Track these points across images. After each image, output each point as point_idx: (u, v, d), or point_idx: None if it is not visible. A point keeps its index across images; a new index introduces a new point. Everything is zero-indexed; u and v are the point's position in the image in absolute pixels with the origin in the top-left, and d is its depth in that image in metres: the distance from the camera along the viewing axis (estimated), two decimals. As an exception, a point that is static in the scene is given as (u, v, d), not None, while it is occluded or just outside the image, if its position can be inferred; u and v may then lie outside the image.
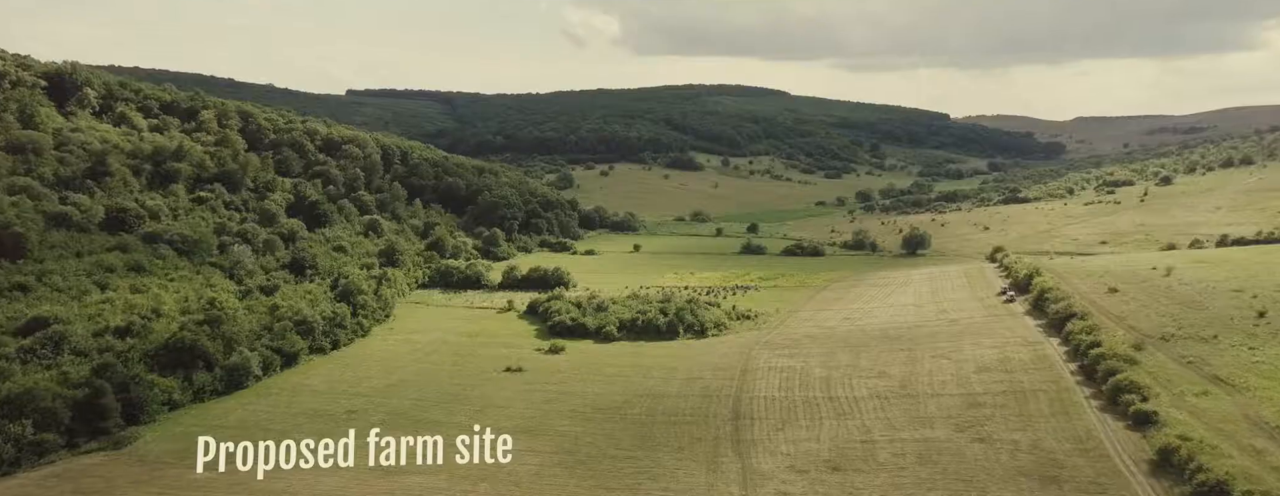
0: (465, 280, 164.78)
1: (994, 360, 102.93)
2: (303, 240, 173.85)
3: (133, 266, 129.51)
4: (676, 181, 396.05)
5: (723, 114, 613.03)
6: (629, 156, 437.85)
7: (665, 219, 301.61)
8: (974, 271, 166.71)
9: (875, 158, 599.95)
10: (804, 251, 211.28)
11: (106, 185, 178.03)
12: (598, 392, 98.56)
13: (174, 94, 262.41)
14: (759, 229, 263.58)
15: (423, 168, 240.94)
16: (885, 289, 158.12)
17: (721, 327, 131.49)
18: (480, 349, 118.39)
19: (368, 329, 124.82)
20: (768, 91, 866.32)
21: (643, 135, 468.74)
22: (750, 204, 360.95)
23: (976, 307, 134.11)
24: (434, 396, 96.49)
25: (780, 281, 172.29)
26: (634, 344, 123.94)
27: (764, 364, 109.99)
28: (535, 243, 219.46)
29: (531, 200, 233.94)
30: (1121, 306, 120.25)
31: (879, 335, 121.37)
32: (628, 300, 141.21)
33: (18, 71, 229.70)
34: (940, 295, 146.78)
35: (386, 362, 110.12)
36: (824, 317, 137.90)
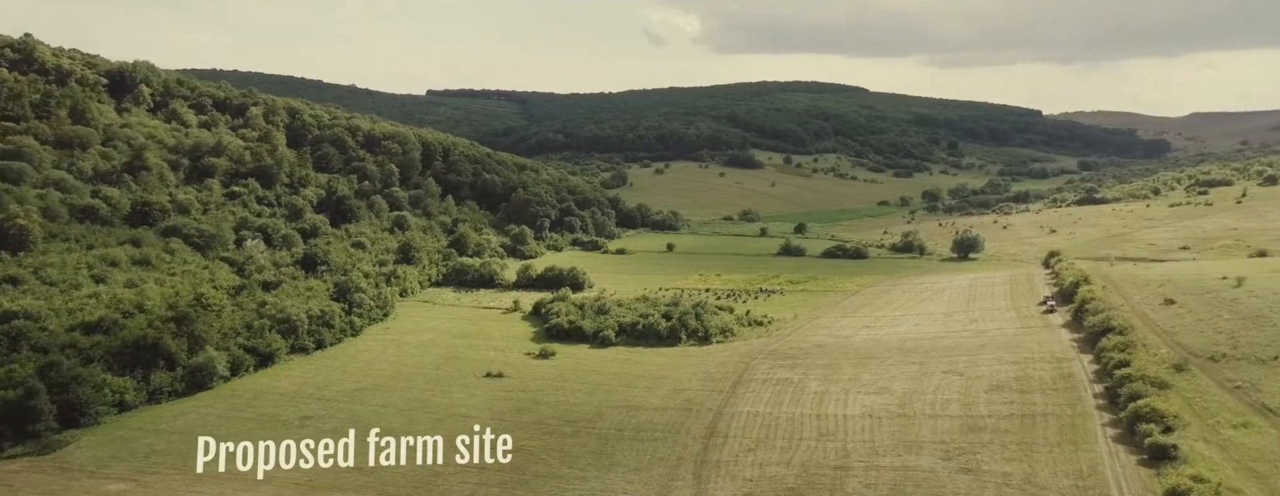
0: (479, 279, 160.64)
1: (1010, 378, 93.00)
2: (323, 236, 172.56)
3: (139, 260, 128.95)
4: (732, 179, 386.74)
5: (791, 110, 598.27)
6: (686, 154, 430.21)
7: (712, 218, 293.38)
8: (1021, 278, 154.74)
9: (952, 156, 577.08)
10: (845, 254, 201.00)
11: (142, 179, 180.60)
12: (573, 403, 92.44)
13: (228, 91, 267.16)
14: (807, 229, 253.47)
15: (461, 164, 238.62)
16: (918, 295, 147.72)
17: (728, 334, 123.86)
18: (469, 352, 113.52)
19: (360, 328, 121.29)
20: (845, 88, 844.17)
21: (701, 132, 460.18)
22: (807, 203, 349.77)
23: (1011, 318, 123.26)
24: (401, 402, 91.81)
25: (810, 285, 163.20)
26: (630, 350, 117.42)
27: (760, 375, 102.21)
28: (567, 241, 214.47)
29: (567, 198, 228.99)
30: (1175, 320, 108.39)
31: (895, 346, 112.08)
32: (634, 303, 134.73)
33: (83, 70, 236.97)
34: (975, 304, 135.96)
35: (366, 365, 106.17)
36: (843, 325, 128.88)
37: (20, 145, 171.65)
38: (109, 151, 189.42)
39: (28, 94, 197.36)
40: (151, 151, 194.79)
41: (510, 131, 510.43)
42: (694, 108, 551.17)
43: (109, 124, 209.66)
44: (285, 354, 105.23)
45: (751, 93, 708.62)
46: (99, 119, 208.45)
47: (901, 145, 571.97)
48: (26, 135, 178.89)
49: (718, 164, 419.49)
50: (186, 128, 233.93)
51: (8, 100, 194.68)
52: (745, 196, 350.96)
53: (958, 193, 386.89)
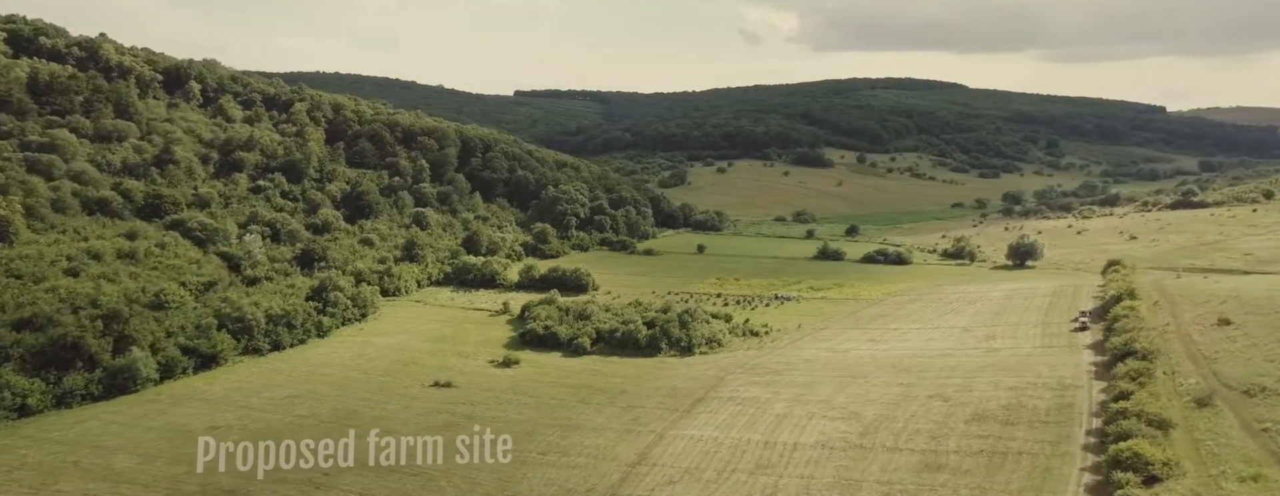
0: (480, 279, 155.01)
1: (999, 406, 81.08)
2: (335, 231, 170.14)
3: (125, 253, 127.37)
4: (796, 179, 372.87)
5: (872, 108, 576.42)
6: (753, 152, 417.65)
7: (764, 218, 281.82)
8: (1068, 290, 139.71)
9: (1050, 156, 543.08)
10: (887, 259, 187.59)
11: (169, 172, 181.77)
12: (510, 419, 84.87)
13: (279, 87, 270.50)
14: (859, 232, 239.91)
15: (497, 161, 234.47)
16: (945, 307, 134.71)
17: (715, 345, 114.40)
18: (430, 358, 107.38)
19: (329, 330, 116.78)
20: (941, 85, 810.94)
21: (770, 130, 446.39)
22: (873, 204, 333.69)
23: (1033, 335, 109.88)
24: (326, 413, 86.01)
25: (833, 292, 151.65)
26: (604, 360, 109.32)
27: (727, 393, 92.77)
28: (594, 240, 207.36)
29: (599, 197, 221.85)
30: (1222, 344, 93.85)
31: (890, 364, 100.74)
32: (625, 308, 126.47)
33: (142, 67, 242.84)
34: (1002, 318, 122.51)
35: (314, 370, 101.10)
36: (846, 338, 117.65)
37: (56, 138, 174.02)
38: (144, 145, 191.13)
39: (83, 90, 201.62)
40: (184, 145, 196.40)
41: (582, 130, 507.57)
42: (769, 105, 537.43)
43: (153, 118, 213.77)
44: (235, 355, 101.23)
45: (835, 90, 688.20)
46: (144, 114, 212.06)
47: (992, 144, 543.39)
48: (65, 128, 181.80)
49: (784, 162, 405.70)
50: (231, 122, 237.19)
51: (57, 95, 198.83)
52: (806, 196, 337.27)
53: (1045, 195, 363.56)
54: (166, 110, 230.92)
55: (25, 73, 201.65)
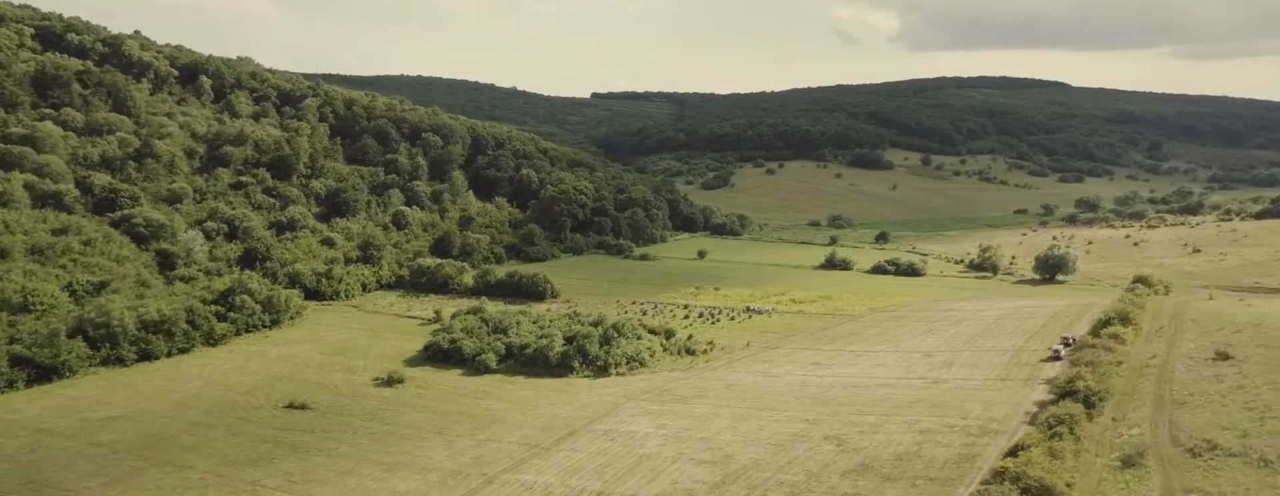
0: (433, 282, 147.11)
1: (895, 455, 68.05)
2: (302, 229, 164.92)
3: (37, 249, 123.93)
4: (848, 181, 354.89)
5: (949, 108, 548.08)
6: (807, 153, 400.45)
7: (797, 222, 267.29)
8: (1074, 310, 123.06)
9: (1151, 158, 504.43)
10: (898, 270, 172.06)
11: (146, 166, 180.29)
12: (334, 454, 75.64)
13: (296, 83, 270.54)
14: (889, 238, 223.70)
15: (504, 160, 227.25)
16: (924, 327, 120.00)
17: (637, 364, 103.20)
18: (313, 373, 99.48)
19: (223, 338, 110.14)
20: (1040, 84, 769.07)
21: (828, 130, 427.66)
22: (927, 208, 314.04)
23: (997, 365, 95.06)
24: (133, 440, 76.65)
25: (814, 306, 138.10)
26: (505, 380, 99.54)
27: (610, 425, 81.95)
28: (590, 243, 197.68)
29: (604, 198, 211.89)
30: (1204, 385, 78.58)
31: (812, 396, 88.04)
32: (557, 321, 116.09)
33: (160, 63, 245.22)
34: (977, 342, 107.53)
35: (168, 386, 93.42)
36: (789, 361, 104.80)
37: (38, 131, 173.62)
38: (130, 138, 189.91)
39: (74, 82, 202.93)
40: (172, 139, 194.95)
41: (641, 131, 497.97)
42: (833, 104, 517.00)
43: (153, 112, 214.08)
44: (89, 366, 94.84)
45: (916, 90, 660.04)
46: (141, 108, 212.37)
47: (1082, 146, 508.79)
48: (51, 121, 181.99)
49: (839, 164, 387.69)
50: (236, 118, 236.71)
51: (57, 88, 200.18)
52: (853, 200, 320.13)
53: (1127, 201, 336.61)
54: (175, 105, 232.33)
55: (34, 67, 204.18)
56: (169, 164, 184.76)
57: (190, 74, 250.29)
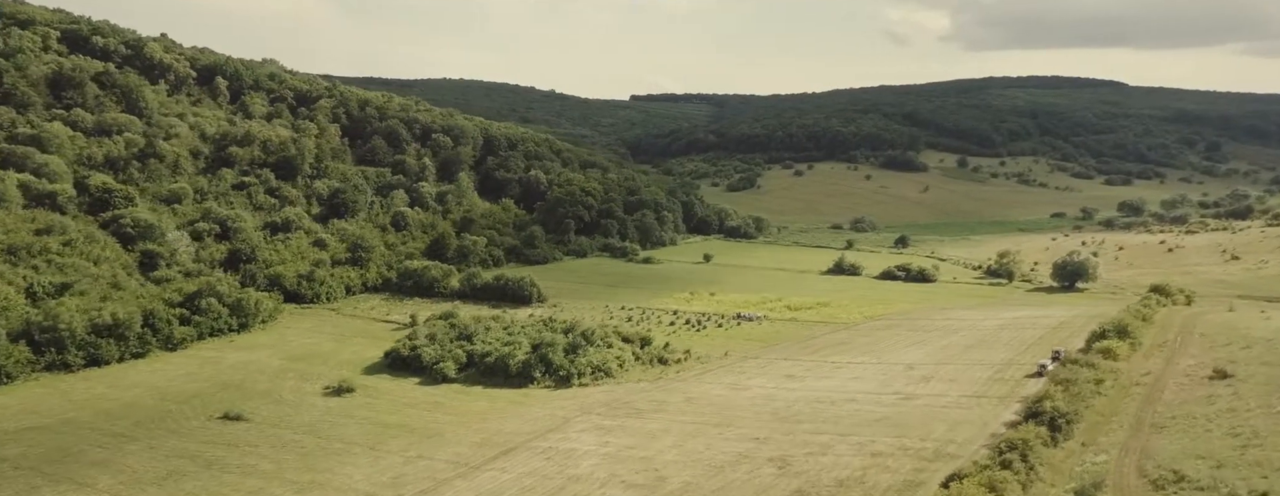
0: (418, 286, 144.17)
1: (836, 481, 62.85)
2: (297, 230, 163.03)
3: (11, 248, 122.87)
4: (878, 183, 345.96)
5: (992, 108, 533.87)
6: (838, 154, 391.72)
7: (817, 225, 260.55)
8: (1081, 322, 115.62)
9: (1208, 160, 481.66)
10: (908, 276, 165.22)
11: (149, 166, 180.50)
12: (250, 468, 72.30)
13: (313, 84, 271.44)
14: (909, 243, 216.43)
15: (513, 161, 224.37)
16: (916, 337, 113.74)
17: (602, 375, 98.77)
18: (263, 381, 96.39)
19: (182, 342, 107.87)
20: (1095, 83, 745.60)
21: (860, 131, 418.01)
22: (956, 211, 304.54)
23: (978, 380, 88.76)
24: (37, 457, 73.43)
25: (808, 314, 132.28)
26: (461, 390, 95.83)
27: (552, 442, 77.77)
28: (594, 245, 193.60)
29: (611, 200, 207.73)
30: (1192, 406, 72.20)
31: (773, 411, 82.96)
32: (527, 328, 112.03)
33: (179, 64, 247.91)
34: (967, 354, 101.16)
35: (106, 393, 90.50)
36: (763, 372, 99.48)
37: (45, 132, 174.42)
38: (137, 138, 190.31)
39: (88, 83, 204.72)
40: (180, 140, 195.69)
41: (674, 133, 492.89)
42: (868, 105, 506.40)
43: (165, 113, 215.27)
44: (33, 372, 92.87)
45: (960, 90, 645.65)
46: (154, 108, 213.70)
47: (1133, 147, 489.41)
48: (60, 122, 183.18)
49: (870, 165, 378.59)
50: (249, 118, 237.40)
51: (71, 89, 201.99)
52: (880, 203, 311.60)
53: (1174, 204, 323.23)
54: (190, 105, 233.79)
55: (51, 69, 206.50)
56: (173, 164, 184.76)
57: (208, 75, 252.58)
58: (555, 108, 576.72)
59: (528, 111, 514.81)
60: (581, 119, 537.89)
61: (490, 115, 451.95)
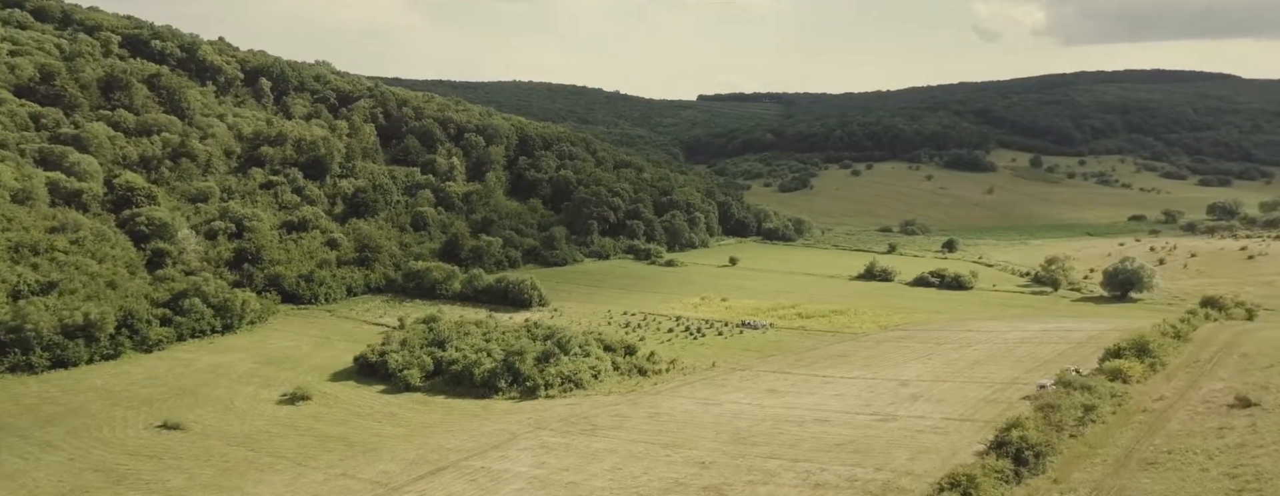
0: (420, 288, 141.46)
1: (757, 518, 55.98)
2: (313, 230, 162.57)
3: (15, 246, 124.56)
4: (939, 183, 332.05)
5: (1076, 104, 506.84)
6: (901, 154, 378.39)
7: (865, 228, 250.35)
8: (1113, 336, 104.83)
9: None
10: (941, 283, 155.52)
11: (181, 166, 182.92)
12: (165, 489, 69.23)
13: (356, 85, 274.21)
14: (957, 247, 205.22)
15: (545, 160, 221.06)
16: (925, 350, 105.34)
17: (572, 386, 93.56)
18: (225, 388, 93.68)
19: (159, 343, 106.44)
20: (1202, 76, 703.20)
21: (924, 129, 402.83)
22: (1021, 214, 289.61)
23: (968, 401, 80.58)
24: None
25: (818, 322, 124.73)
26: (423, 400, 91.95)
27: (484, 462, 72.95)
28: (619, 247, 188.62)
29: (641, 200, 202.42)
30: (1196, 440, 63.34)
31: (736, 432, 76.58)
32: (505, 335, 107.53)
33: (227, 65, 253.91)
34: (971, 371, 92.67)
35: (60, 396, 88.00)
36: (744, 386, 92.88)
37: (86, 132, 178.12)
38: (172, 138, 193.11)
39: (167, 85, 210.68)
40: (215, 139, 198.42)
41: (733, 132, 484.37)
42: (939, 102, 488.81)
43: (207, 113, 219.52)
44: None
45: (1043, 85, 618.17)
46: (196, 109, 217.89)
47: (1239, 145, 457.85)
48: (100, 123, 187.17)
49: (934, 165, 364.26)
50: (289, 118, 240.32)
51: (119, 91, 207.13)
52: (938, 204, 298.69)
53: (1273, 206, 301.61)
54: (234, 106, 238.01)
55: (103, 72, 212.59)
56: (205, 163, 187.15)
57: (254, 76, 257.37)
58: (617, 109, 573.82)
59: (588, 113, 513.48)
60: (641, 120, 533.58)
61: (549, 117, 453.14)
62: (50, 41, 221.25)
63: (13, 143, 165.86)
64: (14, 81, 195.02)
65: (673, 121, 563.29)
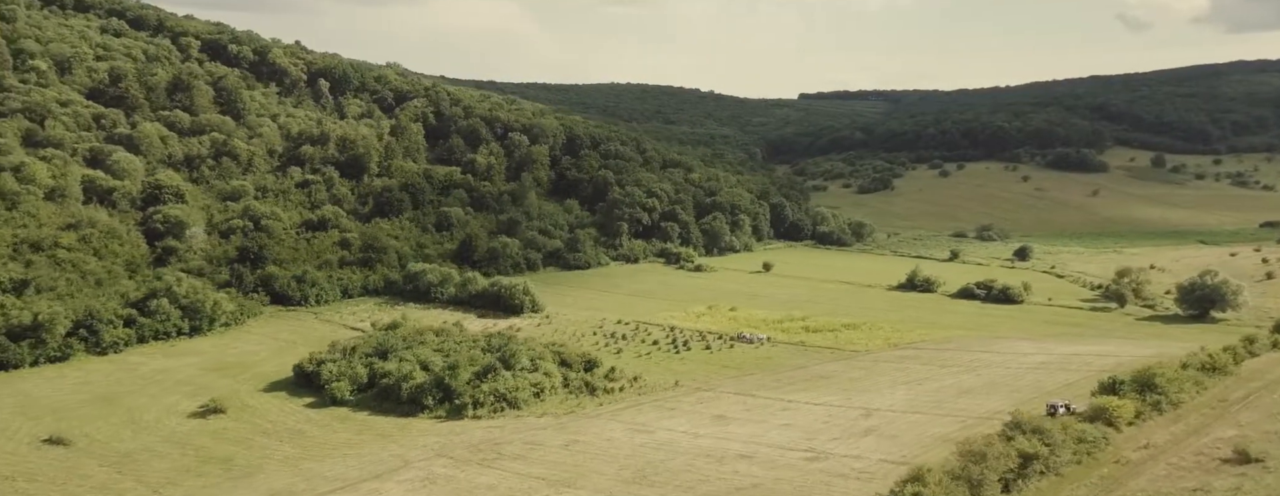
0: (415, 291, 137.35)
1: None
2: (331, 229, 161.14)
3: (22, 242, 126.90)
4: (1034, 185, 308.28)
5: (1218, 97, 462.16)
6: (998, 153, 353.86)
7: (942, 232, 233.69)
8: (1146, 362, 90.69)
9: None
10: (988, 296, 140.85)
11: (222, 165, 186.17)
12: None
13: (414, 85, 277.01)
14: (1030, 255, 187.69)
15: (587, 160, 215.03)
16: (919, 373, 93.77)
17: (505, 406, 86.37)
18: (144, 397, 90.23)
19: (114, 346, 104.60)
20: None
21: (1027, 126, 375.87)
22: (1124, 218, 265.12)
23: (924, 439, 69.78)
24: None
25: (820, 338, 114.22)
26: (347, 414, 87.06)
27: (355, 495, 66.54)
28: (650, 250, 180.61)
29: (680, 201, 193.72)
30: None
31: (641, 467, 68.60)
32: (462, 345, 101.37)
33: (295, 67, 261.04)
34: (952, 402, 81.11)
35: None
36: (695, 410, 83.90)
37: (139, 133, 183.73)
38: (218, 138, 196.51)
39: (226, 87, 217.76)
40: (257, 141, 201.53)
41: (823, 131, 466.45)
42: (1052, 97, 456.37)
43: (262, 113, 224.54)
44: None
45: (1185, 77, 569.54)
46: (251, 109, 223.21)
47: None
48: (155, 123, 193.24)
49: (1035, 165, 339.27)
50: (342, 118, 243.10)
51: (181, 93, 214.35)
52: (1031, 207, 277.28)
53: None
54: (292, 106, 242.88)
55: (171, 74, 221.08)
56: (246, 162, 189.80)
57: (315, 75, 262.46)
58: (706, 108, 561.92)
59: (675, 113, 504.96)
60: (730, 119, 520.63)
61: (634, 117, 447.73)
62: (138, 47, 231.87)
63: (68, 142, 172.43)
64: (88, 84, 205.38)
65: (763, 120, 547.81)
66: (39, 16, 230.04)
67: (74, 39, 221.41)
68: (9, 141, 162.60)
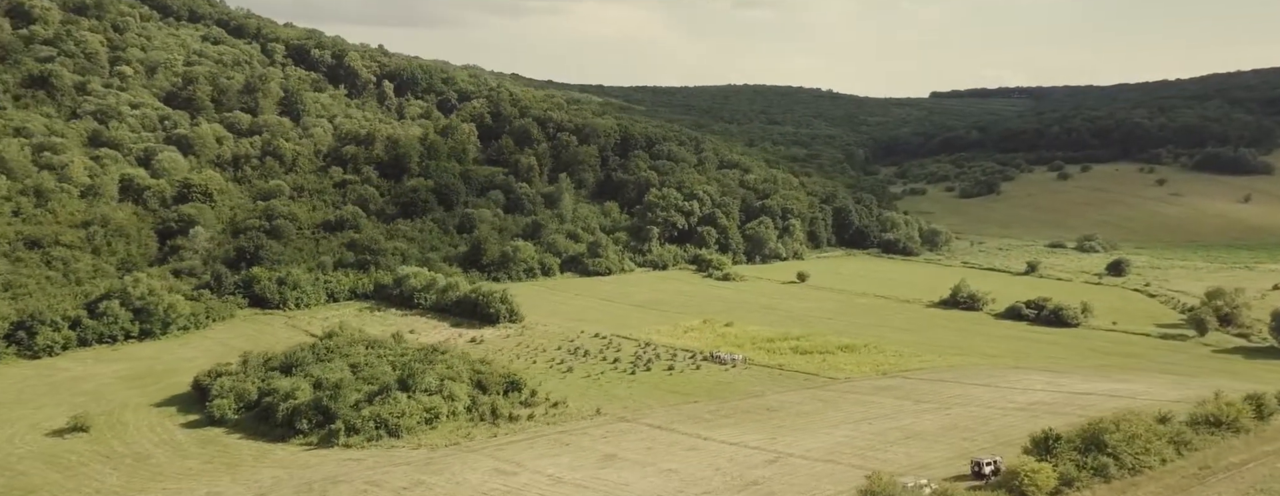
0: (398, 296, 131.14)
1: None
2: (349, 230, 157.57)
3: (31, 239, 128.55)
4: (1171, 189, 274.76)
5: None
6: (1134, 153, 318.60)
7: (1032, 242, 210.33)
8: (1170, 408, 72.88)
9: None
10: (1037, 318, 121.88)
11: (265, 165, 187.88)
12: None
13: (477, 85, 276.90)
14: (1127, 269, 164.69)
15: (635, 161, 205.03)
16: (874, 409, 79.65)
17: (384, 433, 77.59)
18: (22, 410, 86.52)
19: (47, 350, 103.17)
20: None
21: (1172, 123, 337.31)
22: (1271, 230, 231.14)
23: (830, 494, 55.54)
24: None
25: (801, 362, 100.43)
26: (219, 435, 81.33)
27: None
28: (681, 256, 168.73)
29: (723, 205, 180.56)
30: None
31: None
32: (382, 359, 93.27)
33: (366, 69, 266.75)
34: (881, 450, 66.83)
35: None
36: (591, 447, 73.06)
37: (196, 133, 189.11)
38: (268, 139, 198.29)
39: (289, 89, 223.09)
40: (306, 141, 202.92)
41: (942, 129, 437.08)
42: (1221, 90, 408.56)
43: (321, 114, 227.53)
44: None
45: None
46: (312, 110, 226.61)
47: None
48: (215, 124, 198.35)
49: (1177, 166, 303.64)
50: (400, 118, 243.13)
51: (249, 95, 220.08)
52: (1155, 214, 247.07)
53: None
54: (356, 108, 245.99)
55: (245, 78, 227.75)
56: (290, 162, 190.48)
57: (383, 77, 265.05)
58: (818, 108, 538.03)
59: (783, 114, 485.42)
60: (844, 119, 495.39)
61: (737, 118, 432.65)
62: (230, 53, 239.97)
63: (128, 142, 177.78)
64: (167, 88, 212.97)
65: (880, 119, 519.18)
66: (152, 27, 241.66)
67: (173, 46, 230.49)
68: (67, 142, 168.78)
